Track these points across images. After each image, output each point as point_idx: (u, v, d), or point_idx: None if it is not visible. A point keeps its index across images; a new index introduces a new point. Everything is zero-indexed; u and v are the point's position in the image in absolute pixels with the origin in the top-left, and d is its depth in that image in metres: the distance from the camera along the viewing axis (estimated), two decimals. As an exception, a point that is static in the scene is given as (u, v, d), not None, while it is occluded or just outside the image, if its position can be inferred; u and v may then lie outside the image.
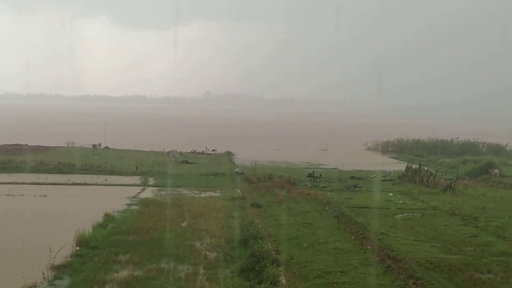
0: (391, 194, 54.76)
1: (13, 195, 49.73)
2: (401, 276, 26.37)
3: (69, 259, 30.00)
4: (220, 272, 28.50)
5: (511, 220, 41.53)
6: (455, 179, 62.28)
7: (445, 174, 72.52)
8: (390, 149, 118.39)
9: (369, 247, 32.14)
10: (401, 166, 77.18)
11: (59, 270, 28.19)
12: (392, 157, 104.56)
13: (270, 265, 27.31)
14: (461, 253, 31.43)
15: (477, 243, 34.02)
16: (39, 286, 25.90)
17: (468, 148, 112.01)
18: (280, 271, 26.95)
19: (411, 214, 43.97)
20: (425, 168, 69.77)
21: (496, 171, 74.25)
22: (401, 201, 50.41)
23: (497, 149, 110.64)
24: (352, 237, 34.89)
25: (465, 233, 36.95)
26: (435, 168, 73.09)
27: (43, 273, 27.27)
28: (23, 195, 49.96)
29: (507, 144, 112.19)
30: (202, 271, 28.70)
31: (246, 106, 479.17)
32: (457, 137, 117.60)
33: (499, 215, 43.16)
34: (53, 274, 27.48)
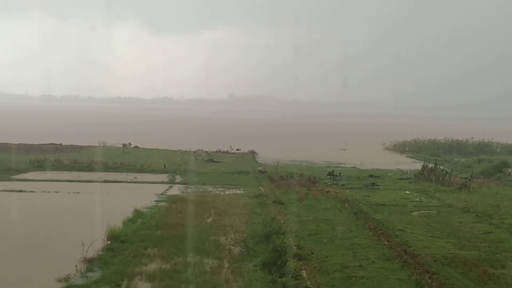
0: (407, 192, 54.43)
1: (48, 192, 50.17)
2: (418, 271, 26.21)
3: (100, 252, 30.21)
4: (243, 266, 28.54)
5: (525, 217, 41.09)
6: (470, 178, 61.78)
7: (460, 173, 71.90)
8: (407, 149, 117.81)
9: (386, 242, 32.00)
10: (417, 165, 76.72)
11: (91, 263, 28.40)
12: (409, 157, 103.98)
13: (291, 260, 27.30)
14: (476, 249, 31.18)
15: (491, 240, 33.72)
16: (73, 277, 26.12)
17: (482, 148, 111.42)
18: (301, 265, 26.92)
19: (427, 211, 43.68)
20: (441, 167, 69.32)
21: (510, 170, 73.68)
22: (417, 199, 50.11)
23: (511, 149, 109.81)
24: (370, 233, 34.76)
25: (480, 230, 36.63)
26: (450, 167, 72.63)
27: (76, 266, 27.49)
28: (57, 192, 50.38)
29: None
30: (226, 264, 28.77)
31: (268, 107, 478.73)
32: (472, 137, 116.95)
33: (513, 213, 42.73)
34: (85, 267, 27.69)
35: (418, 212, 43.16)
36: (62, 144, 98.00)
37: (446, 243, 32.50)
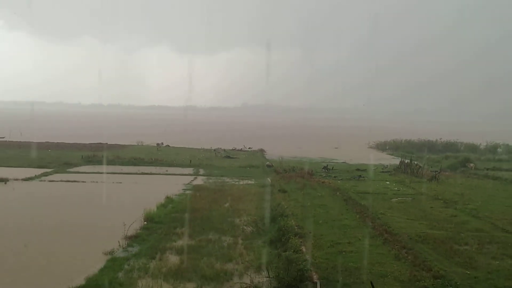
0: (388, 183, 54.27)
1: (96, 182, 50.41)
2: (396, 246, 26.17)
3: (138, 231, 30.33)
4: (254, 242, 28.58)
5: (484, 203, 40.95)
6: (438, 171, 61.71)
7: (431, 167, 71.54)
8: (387, 147, 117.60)
9: (370, 223, 31.95)
10: (396, 161, 76.51)
11: (131, 239, 28.52)
12: (389, 154, 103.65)
13: (293, 237, 27.30)
14: (444, 229, 31.07)
15: (456, 222, 33.60)
16: (116, 251, 26.24)
17: (449, 147, 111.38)
18: (301, 242, 26.92)
19: (404, 198, 43.53)
20: (415, 162, 69.01)
21: (472, 165, 73.46)
22: (396, 188, 49.94)
23: (473, 148, 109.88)
24: (357, 216, 34.71)
25: (447, 214, 36.51)
26: (423, 162, 72.36)
27: (119, 242, 27.61)
28: (104, 182, 50.64)
29: (480, 144, 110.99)
30: (240, 241, 28.81)
31: (274, 113, 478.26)
32: (441, 138, 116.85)
33: (474, 200, 42.58)
34: (126, 243, 27.81)
35: (397, 199, 43.03)
36: (108, 143, 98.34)
37: (419, 224, 32.42)
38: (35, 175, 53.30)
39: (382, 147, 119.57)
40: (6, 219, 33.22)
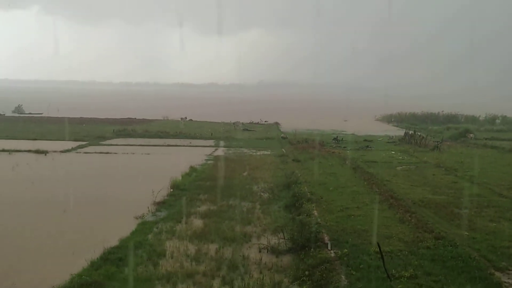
0: (393, 152, 53.95)
1: (127, 153, 50.87)
2: (400, 211, 26.14)
3: (165, 198, 30.66)
4: (270, 207, 28.76)
5: (482, 171, 40.53)
6: (440, 141, 61.11)
7: (433, 137, 70.81)
8: (393, 120, 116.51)
9: (377, 190, 31.90)
10: (401, 132, 75.80)
11: (159, 205, 28.87)
12: (394, 126, 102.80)
13: (306, 203, 27.42)
14: (445, 195, 30.92)
15: (456, 188, 33.39)
16: (146, 216, 26.61)
17: (450, 119, 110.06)
18: (313, 206, 27.02)
19: (408, 166, 43.32)
20: (419, 133, 68.43)
21: (471, 135, 72.62)
22: (400, 157, 49.67)
23: (473, 119, 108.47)
24: (365, 183, 34.66)
25: (448, 180, 36.28)
26: (426, 133, 71.78)
27: (148, 208, 27.97)
28: (133, 153, 51.06)
29: (479, 116, 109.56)
30: (258, 206, 29.01)
31: (290, 89, 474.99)
32: (443, 111, 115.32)
33: (473, 167, 42.14)
34: (155, 208, 28.17)
35: (401, 167, 42.84)
36: (136, 118, 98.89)
37: (422, 190, 32.29)
38: (72, 148, 53.94)
39: (388, 119, 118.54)
40: (46, 187, 33.80)
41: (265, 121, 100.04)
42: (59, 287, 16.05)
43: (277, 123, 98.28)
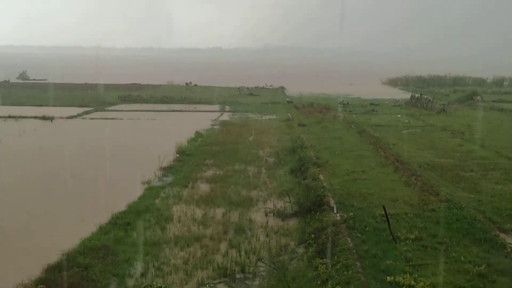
0: (399, 116, 53.69)
1: (132, 119, 50.90)
2: (406, 174, 26.18)
3: (172, 163, 30.80)
4: (276, 171, 28.87)
5: (489, 133, 40.40)
6: (447, 104, 60.74)
7: (440, 100, 70.37)
8: (399, 83, 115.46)
9: (383, 153, 31.89)
10: (407, 96, 75.27)
11: (165, 170, 29.03)
12: (401, 89, 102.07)
13: (312, 167, 27.48)
14: (450, 158, 30.89)
15: (463, 151, 33.32)
16: (153, 181, 26.79)
17: (457, 81, 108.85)
18: (319, 171, 27.09)
19: (414, 130, 43.15)
20: (425, 96, 67.89)
21: (478, 97, 72.01)
22: (406, 121, 49.46)
23: (480, 82, 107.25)
24: (371, 146, 34.62)
25: (454, 143, 36.18)
26: (432, 96, 71.16)
27: (154, 173, 28.14)
28: (139, 119, 51.09)
29: (487, 78, 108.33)
30: (264, 171, 29.12)
31: (294, 54, 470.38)
32: (449, 73, 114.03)
33: (480, 130, 42.01)
34: (161, 174, 28.33)
35: (407, 131, 42.69)
36: (141, 83, 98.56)
37: (428, 153, 32.24)
38: (77, 114, 54.02)
39: (394, 83, 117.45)
40: (54, 154, 34.00)
41: (270, 86, 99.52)
42: (69, 252, 16.31)
43: (282, 88, 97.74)
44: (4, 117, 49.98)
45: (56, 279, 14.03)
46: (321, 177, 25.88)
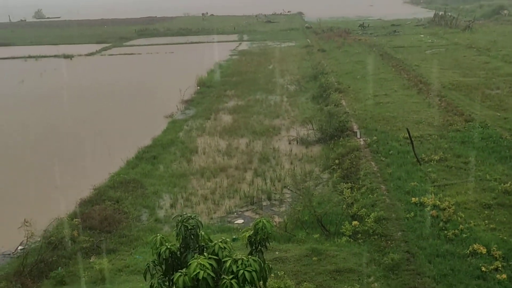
0: (422, 36, 52.06)
1: (151, 53, 50.66)
2: (430, 95, 25.78)
3: (193, 95, 30.89)
4: (298, 99, 28.76)
5: (516, 49, 39.07)
6: (472, 20, 58.48)
7: (465, 17, 67.78)
8: (421, 1, 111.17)
9: (405, 75, 31.30)
10: (430, 14, 72.55)
11: (187, 103, 29.18)
12: (423, 7, 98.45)
13: (333, 93, 27.25)
14: (476, 76, 30.11)
15: (489, 68, 32.40)
16: (175, 114, 27.02)
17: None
18: (341, 96, 26.86)
19: (438, 49, 41.92)
20: (449, 13, 65.49)
21: (505, 11, 68.98)
22: (430, 40, 47.98)
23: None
24: (393, 69, 33.96)
25: (479, 61, 35.14)
26: (457, 13, 68.51)
27: (177, 106, 28.31)
28: (157, 53, 50.79)
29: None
30: (285, 99, 29.03)
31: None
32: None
33: (507, 46, 40.50)
34: (183, 107, 28.49)
35: (430, 51, 41.52)
36: (157, 16, 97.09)
37: (453, 73, 31.47)
38: (96, 51, 53.88)
39: (416, 1, 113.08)
40: (75, 92, 34.27)
41: (288, 12, 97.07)
42: (100, 186, 16.81)
43: (300, 13, 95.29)
44: (24, 57, 50.20)
45: (90, 213, 14.57)
46: (343, 102, 25.68)
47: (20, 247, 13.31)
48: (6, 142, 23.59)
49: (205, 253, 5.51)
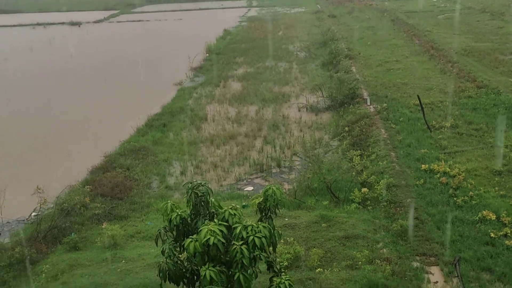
0: (435, 0, 50.98)
1: (160, 20, 50.16)
2: (442, 61, 25.41)
3: (202, 63, 30.69)
4: (307, 66, 28.51)
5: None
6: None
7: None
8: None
9: (417, 41, 30.83)
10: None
11: (196, 70, 29.04)
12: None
13: (344, 59, 26.96)
14: (489, 41, 29.58)
15: (502, 33, 31.78)
16: (184, 82, 26.92)
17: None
18: (351, 63, 26.57)
19: (450, 14, 41.11)
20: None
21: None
22: (442, 5, 47.00)
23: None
24: (404, 35, 33.44)
25: (493, 26, 34.46)
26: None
27: (186, 74, 28.19)
28: (166, 20, 50.30)
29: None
30: (295, 66, 28.79)
31: None
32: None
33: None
34: (192, 74, 28.37)
35: (443, 16, 40.76)
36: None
37: (465, 39, 30.92)
38: (104, 17, 53.47)
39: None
40: (85, 59, 34.22)
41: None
42: (111, 154, 16.91)
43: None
44: (32, 24, 49.95)
45: (101, 180, 14.71)
46: (354, 69, 25.42)
47: (33, 214, 13.53)
48: (18, 110, 23.71)
49: (215, 220, 5.56)
